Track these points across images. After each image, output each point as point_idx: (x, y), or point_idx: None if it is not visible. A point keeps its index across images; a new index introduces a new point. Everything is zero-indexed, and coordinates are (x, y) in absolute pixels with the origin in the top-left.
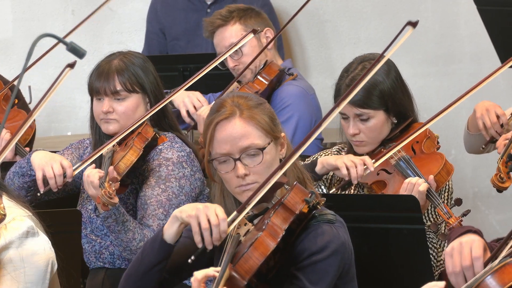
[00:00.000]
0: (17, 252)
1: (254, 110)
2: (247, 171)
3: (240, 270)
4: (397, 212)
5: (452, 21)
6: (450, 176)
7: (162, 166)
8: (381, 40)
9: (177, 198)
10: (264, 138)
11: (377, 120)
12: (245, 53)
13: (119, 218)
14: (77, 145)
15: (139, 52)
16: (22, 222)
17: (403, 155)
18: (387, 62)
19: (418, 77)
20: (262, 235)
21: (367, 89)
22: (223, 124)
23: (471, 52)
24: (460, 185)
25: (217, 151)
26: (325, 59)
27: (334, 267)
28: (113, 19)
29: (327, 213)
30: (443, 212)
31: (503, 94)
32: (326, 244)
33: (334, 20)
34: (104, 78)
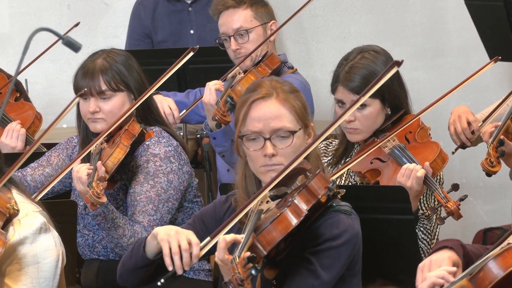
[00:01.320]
0: (31, 248)
1: (290, 95)
2: (275, 152)
3: (262, 241)
4: (386, 203)
5: (440, 15)
6: (445, 164)
7: (150, 162)
8: (370, 34)
9: (166, 193)
10: (296, 123)
11: (373, 109)
12: (251, 39)
13: (108, 216)
14: (65, 145)
15: (122, 50)
16: (35, 218)
17: (398, 143)
18: (385, 54)
19: (406, 70)
20: (287, 211)
21: (366, 77)
22: (259, 102)
23: (458, 46)
24: (448, 176)
25: (249, 128)
26: (315, 52)
27: (345, 256)
28: (108, 13)
29: (343, 204)
30: (440, 197)
31: (490, 87)
32: (341, 232)
33: (325, 14)
34: (89, 78)
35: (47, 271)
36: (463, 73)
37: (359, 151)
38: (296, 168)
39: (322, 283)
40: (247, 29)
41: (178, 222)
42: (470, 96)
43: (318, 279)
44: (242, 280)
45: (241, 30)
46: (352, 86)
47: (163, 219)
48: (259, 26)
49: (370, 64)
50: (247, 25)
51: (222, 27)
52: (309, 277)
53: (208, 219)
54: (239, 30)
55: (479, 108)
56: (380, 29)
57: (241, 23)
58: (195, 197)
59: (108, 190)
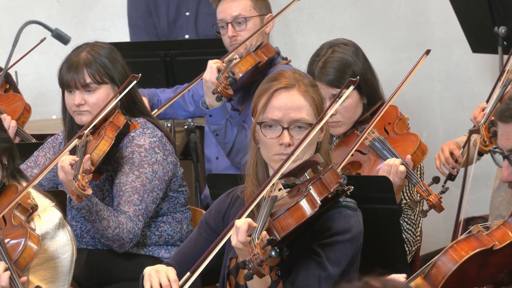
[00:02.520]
0: (52, 243)
1: (311, 88)
2: (291, 142)
3: (277, 226)
4: (371, 193)
5: (423, 8)
6: (425, 155)
7: (135, 153)
8: (355, 27)
9: (151, 183)
10: (314, 116)
11: (352, 100)
12: (248, 28)
13: (93, 209)
14: (52, 143)
15: (106, 43)
16: (53, 213)
17: (378, 136)
18: (353, 44)
19: (390, 62)
20: (304, 200)
21: (340, 69)
22: (281, 92)
23: (441, 38)
24: (431, 167)
25: (268, 115)
26: (301, 45)
27: (350, 251)
28: (97, 7)
29: (349, 200)
30: (422, 190)
31: (472, 79)
32: (349, 227)
33: (310, 7)
34: (73, 71)
35: (65, 265)
36: (446, 65)
37: (339, 143)
38: (308, 160)
39: (329, 275)
40: (245, 17)
41: (163, 212)
42: (453, 88)
43: (325, 271)
44: (262, 261)
45: (239, 18)
46: (328, 80)
47: (148, 208)
48: (257, 17)
49: (342, 56)
50: (246, 14)
51: (220, 13)
52: (317, 269)
53: (213, 220)
54: (237, 17)
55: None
56: (364, 22)
57: (240, 11)
58: (180, 187)
59: (94, 181)
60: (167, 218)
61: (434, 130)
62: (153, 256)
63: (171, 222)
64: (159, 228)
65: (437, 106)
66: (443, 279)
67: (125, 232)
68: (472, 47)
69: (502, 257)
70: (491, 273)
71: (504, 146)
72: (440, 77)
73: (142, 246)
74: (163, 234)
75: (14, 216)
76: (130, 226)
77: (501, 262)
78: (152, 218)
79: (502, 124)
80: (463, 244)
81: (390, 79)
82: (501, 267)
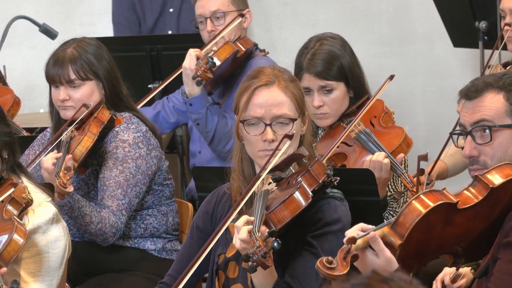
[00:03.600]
0: (43, 237)
1: (290, 83)
2: (274, 137)
3: (274, 218)
4: (353, 185)
5: (405, 3)
6: (410, 148)
7: (119, 148)
8: (338, 22)
9: (134, 178)
10: (295, 111)
11: (339, 92)
12: (226, 22)
13: (74, 205)
14: (41, 141)
15: (93, 38)
16: (48, 208)
17: (364, 128)
18: (341, 38)
19: (373, 57)
20: (297, 193)
21: (328, 61)
22: (262, 89)
23: (423, 33)
24: (413, 159)
25: (250, 113)
26: (284, 40)
27: (341, 242)
28: (84, 2)
29: (335, 191)
30: (407, 182)
31: (454, 74)
32: (339, 217)
33: (294, 2)
34: (58, 67)
35: (55, 260)
36: (428, 59)
37: (324, 135)
38: (293, 154)
39: None
40: (224, 12)
41: (148, 205)
42: (435, 83)
43: None
44: (265, 253)
45: (218, 13)
46: (317, 71)
47: (131, 203)
48: (235, 12)
49: (330, 49)
50: (224, 9)
51: (199, 9)
52: (314, 259)
53: (201, 222)
54: (216, 12)
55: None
56: (347, 17)
57: (218, 6)
58: (165, 180)
59: (79, 175)
60: (152, 211)
61: (416, 123)
62: (138, 248)
63: (157, 215)
64: (145, 220)
65: (419, 99)
66: (409, 227)
67: (108, 227)
68: (454, 41)
69: (464, 220)
70: (453, 235)
71: (467, 121)
72: (422, 71)
73: (127, 238)
74: (148, 226)
75: (6, 210)
76: (113, 220)
77: (463, 225)
78: (137, 211)
79: (468, 101)
80: (429, 195)
81: (373, 73)
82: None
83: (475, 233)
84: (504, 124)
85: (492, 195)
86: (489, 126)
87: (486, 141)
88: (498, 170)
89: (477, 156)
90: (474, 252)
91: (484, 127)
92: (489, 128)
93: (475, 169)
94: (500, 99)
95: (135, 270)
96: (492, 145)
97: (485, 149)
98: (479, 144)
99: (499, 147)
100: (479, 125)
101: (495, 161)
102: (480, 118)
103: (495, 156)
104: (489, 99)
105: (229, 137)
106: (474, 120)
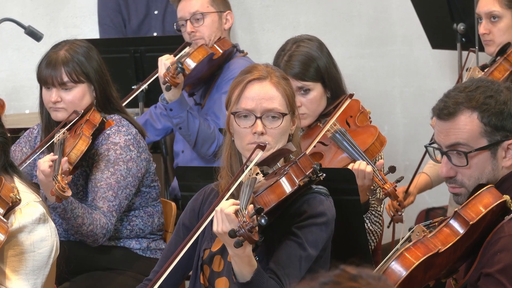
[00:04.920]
0: (29, 236)
1: (282, 80)
2: (264, 130)
3: (260, 202)
4: (334, 184)
5: (384, 6)
6: (383, 147)
7: (110, 150)
8: (319, 24)
9: (125, 180)
10: (286, 107)
11: (316, 92)
12: (206, 24)
13: (68, 207)
14: (27, 138)
15: (84, 40)
16: (36, 208)
17: (339, 128)
18: (317, 40)
19: (353, 58)
20: (283, 179)
21: (305, 63)
22: (254, 83)
23: (402, 35)
24: (392, 158)
25: (242, 105)
26: (266, 41)
27: (326, 234)
28: (68, 4)
29: (321, 187)
30: (378, 179)
31: (432, 74)
32: (323, 211)
33: (276, 5)
34: (51, 69)
35: (40, 260)
36: (407, 60)
37: (303, 135)
38: (281, 149)
39: (309, 255)
40: (203, 13)
41: (135, 206)
42: (413, 83)
43: (305, 251)
44: (252, 227)
45: (197, 14)
46: (294, 72)
47: (121, 204)
48: (214, 13)
49: (307, 50)
50: (203, 10)
51: (180, 12)
52: (298, 249)
53: (187, 220)
54: (195, 14)
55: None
56: (328, 19)
57: (197, 8)
58: (152, 182)
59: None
60: (139, 212)
61: (395, 123)
62: (124, 247)
63: (143, 216)
64: (131, 222)
65: (398, 100)
66: (394, 286)
67: (99, 228)
68: (432, 43)
69: (445, 258)
70: (436, 273)
71: (442, 143)
72: (401, 72)
73: (114, 239)
74: (134, 228)
75: None
76: (104, 222)
77: (444, 262)
78: (124, 212)
79: (441, 122)
80: (411, 251)
81: (353, 74)
82: (444, 267)
83: (455, 259)
84: (479, 147)
85: (471, 229)
86: (464, 152)
87: (462, 164)
88: (478, 200)
89: (455, 176)
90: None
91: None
92: (464, 154)
93: (453, 187)
94: (474, 120)
95: (121, 269)
96: (469, 168)
97: (462, 170)
98: (455, 166)
99: (476, 168)
100: (454, 149)
101: (473, 181)
102: (455, 141)
103: (473, 176)
104: (463, 121)
105: (213, 139)
106: (449, 143)
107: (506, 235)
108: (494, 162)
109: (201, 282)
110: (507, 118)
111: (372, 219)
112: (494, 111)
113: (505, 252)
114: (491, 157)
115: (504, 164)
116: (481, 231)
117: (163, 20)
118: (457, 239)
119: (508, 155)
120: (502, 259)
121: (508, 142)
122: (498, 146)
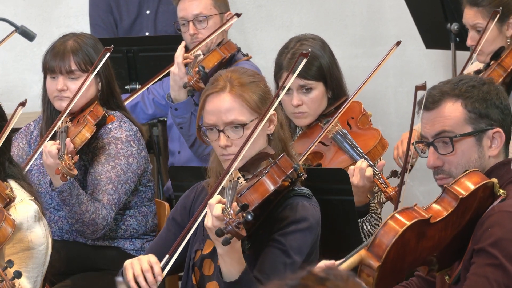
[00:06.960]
0: (27, 233)
1: (245, 87)
2: (229, 143)
3: (243, 201)
4: (327, 184)
5: (377, 5)
6: (385, 150)
7: (111, 144)
8: (312, 24)
9: (125, 174)
10: (249, 115)
11: (318, 92)
12: (209, 26)
13: (74, 192)
14: (24, 133)
15: (90, 34)
16: (30, 206)
17: (341, 129)
18: (320, 39)
19: (346, 58)
20: (264, 178)
21: (308, 61)
22: (213, 97)
23: (395, 35)
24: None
25: (205, 120)
26: (259, 41)
27: (310, 239)
28: (61, 4)
29: (303, 189)
30: (380, 182)
31: (426, 74)
32: (306, 216)
33: (269, 5)
34: (59, 58)
35: (39, 257)
36: (401, 60)
37: (301, 134)
38: (259, 153)
39: (293, 262)
40: (206, 15)
41: (131, 205)
42: (407, 83)
43: (290, 258)
44: (239, 223)
45: (200, 16)
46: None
47: (120, 199)
48: (217, 15)
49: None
50: (207, 12)
51: (181, 11)
52: (282, 256)
53: (179, 216)
54: (198, 16)
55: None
56: (321, 19)
57: (201, 10)
58: (148, 182)
59: None
60: (134, 211)
61: (389, 123)
62: (117, 247)
63: (137, 216)
64: (125, 222)
65: (392, 100)
66: (386, 248)
67: (100, 218)
68: (426, 43)
69: (436, 232)
70: (427, 247)
71: (429, 133)
72: (394, 72)
73: (108, 238)
74: (128, 228)
75: None
76: (104, 213)
77: (435, 237)
78: (119, 211)
79: (426, 112)
80: (403, 214)
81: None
82: (435, 244)
83: (447, 241)
84: (464, 132)
85: (462, 205)
86: (450, 137)
87: (448, 151)
88: (466, 178)
89: (442, 166)
90: (447, 258)
91: (445, 138)
92: (450, 139)
93: (441, 178)
94: (458, 107)
95: (114, 269)
96: (455, 155)
97: (449, 158)
98: (442, 154)
99: (462, 156)
100: (440, 137)
101: (460, 169)
102: (441, 129)
103: (460, 164)
104: (448, 109)
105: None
106: (435, 132)
107: (496, 212)
108: (480, 150)
109: (193, 282)
110: (490, 106)
111: (371, 221)
112: (477, 98)
113: (496, 226)
114: (477, 144)
115: (490, 154)
116: (471, 216)
117: (155, 20)
118: (448, 214)
119: (494, 144)
120: (494, 233)
121: (493, 130)
122: (483, 134)
